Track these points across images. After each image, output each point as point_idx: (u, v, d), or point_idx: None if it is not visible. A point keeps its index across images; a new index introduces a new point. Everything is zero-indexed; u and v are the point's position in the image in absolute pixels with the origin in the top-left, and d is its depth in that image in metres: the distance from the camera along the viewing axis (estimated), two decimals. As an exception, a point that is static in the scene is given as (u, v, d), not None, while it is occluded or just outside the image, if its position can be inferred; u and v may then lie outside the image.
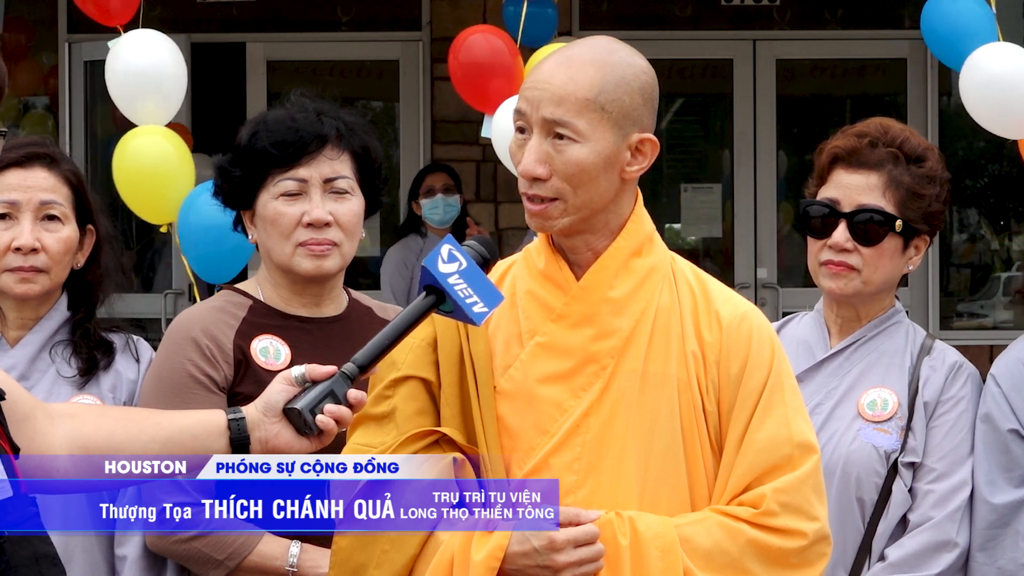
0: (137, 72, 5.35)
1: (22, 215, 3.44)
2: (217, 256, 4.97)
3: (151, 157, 5.33)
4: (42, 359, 3.46)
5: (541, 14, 7.35)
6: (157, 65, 5.37)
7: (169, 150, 5.33)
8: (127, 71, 5.36)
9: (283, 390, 2.67)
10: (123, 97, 5.42)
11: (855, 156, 3.44)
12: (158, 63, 5.37)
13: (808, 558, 2.68)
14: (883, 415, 3.42)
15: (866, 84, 10.17)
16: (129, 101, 5.42)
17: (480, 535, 2.62)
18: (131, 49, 5.39)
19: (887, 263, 3.44)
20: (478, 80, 5.55)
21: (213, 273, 5.11)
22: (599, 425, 2.68)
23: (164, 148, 5.35)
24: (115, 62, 5.40)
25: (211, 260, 5.03)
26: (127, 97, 5.41)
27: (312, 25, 9.94)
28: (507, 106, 5.35)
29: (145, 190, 5.37)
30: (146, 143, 5.36)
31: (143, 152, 5.35)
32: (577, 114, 2.64)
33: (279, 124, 3.36)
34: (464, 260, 2.60)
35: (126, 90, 5.40)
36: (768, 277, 9.88)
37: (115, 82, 5.41)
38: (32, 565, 2.37)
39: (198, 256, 5.07)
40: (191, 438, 2.67)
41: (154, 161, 5.32)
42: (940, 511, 3.37)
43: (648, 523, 2.63)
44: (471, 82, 5.60)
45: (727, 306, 2.76)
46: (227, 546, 3.24)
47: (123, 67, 5.37)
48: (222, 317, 3.37)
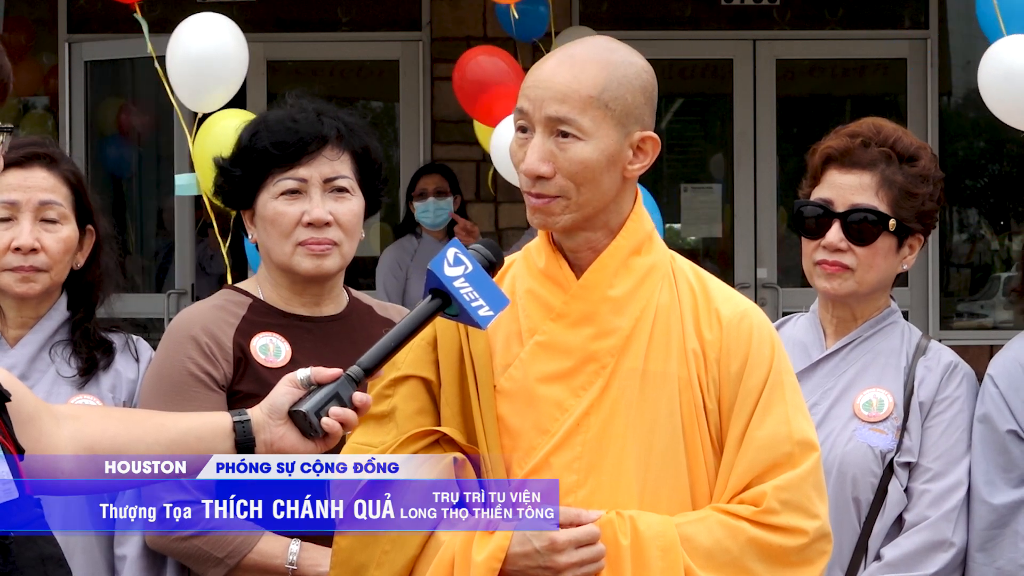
0: (200, 58, 5.29)
1: (22, 215, 3.44)
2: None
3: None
4: (42, 359, 3.47)
5: (532, 11, 7.36)
6: (221, 49, 5.33)
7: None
8: (188, 58, 5.31)
9: (288, 392, 2.67)
10: (184, 84, 5.35)
11: (848, 156, 3.45)
12: (221, 48, 5.33)
13: (809, 556, 2.69)
14: (879, 415, 3.42)
15: (866, 84, 10.16)
16: (192, 87, 5.35)
17: (481, 536, 2.63)
18: (192, 35, 5.35)
19: (881, 262, 3.44)
20: (482, 96, 5.53)
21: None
22: (599, 424, 2.69)
23: None
24: (177, 48, 5.34)
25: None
26: (189, 84, 5.34)
27: (312, 25, 9.94)
28: (507, 123, 5.38)
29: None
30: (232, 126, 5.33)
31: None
32: (581, 112, 2.65)
33: (279, 124, 3.37)
34: (470, 264, 2.61)
35: (188, 78, 5.33)
36: (768, 277, 9.88)
37: (177, 70, 5.34)
38: (38, 566, 2.37)
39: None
40: (196, 440, 2.67)
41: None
42: (936, 511, 3.37)
43: (649, 522, 2.64)
44: (475, 97, 5.58)
45: (727, 304, 2.77)
46: (227, 544, 3.25)
47: (184, 54, 5.32)
48: (222, 315, 3.37)
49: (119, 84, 10.34)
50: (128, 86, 10.34)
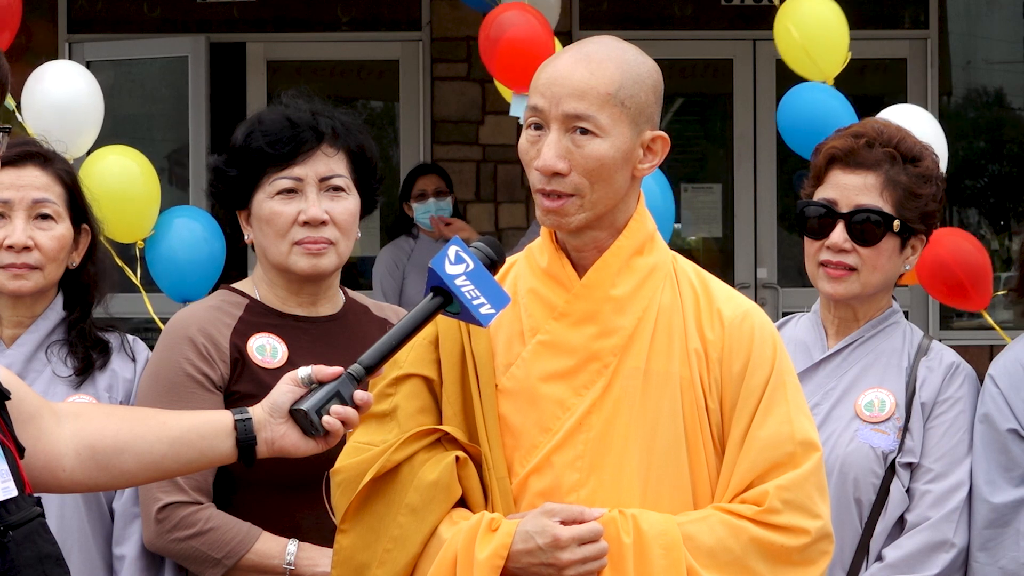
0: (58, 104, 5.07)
1: (15, 214, 3.44)
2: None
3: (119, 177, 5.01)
4: (38, 358, 3.46)
5: None
6: (76, 96, 5.11)
7: (134, 169, 5.07)
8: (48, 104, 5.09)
9: (289, 391, 2.67)
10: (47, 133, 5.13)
11: (852, 156, 3.44)
12: (76, 94, 5.11)
13: (810, 556, 2.68)
14: (880, 416, 3.42)
15: (866, 84, 10.15)
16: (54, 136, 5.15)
17: (483, 533, 2.63)
18: (52, 81, 5.15)
19: (885, 263, 3.44)
20: (515, 60, 5.38)
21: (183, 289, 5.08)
22: (601, 423, 2.68)
23: (130, 168, 5.07)
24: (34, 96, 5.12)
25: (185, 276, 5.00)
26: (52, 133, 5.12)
27: (312, 25, 9.93)
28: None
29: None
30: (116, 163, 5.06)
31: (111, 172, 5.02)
32: (599, 108, 2.65)
33: (274, 123, 3.36)
34: (471, 262, 2.61)
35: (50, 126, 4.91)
36: (768, 277, 9.88)
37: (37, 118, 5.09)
38: (36, 565, 2.36)
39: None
40: (198, 438, 2.67)
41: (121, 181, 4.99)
42: (937, 511, 3.37)
43: (651, 521, 2.63)
44: (506, 61, 5.42)
45: (729, 304, 2.77)
46: (224, 544, 3.24)
47: (43, 100, 5.11)
48: (219, 316, 3.37)
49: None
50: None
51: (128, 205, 5.01)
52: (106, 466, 2.64)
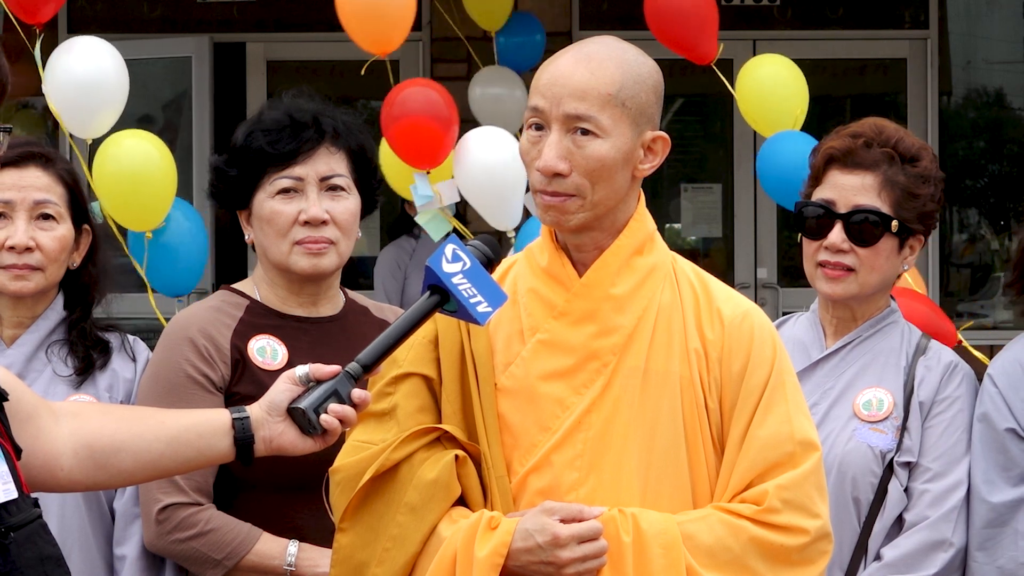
0: (80, 84, 5.04)
1: (16, 214, 3.44)
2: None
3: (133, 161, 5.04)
4: (38, 358, 3.46)
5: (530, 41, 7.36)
6: (100, 73, 5.07)
7: (153, 154, 5.07)
8: (70, 82, 5.04)
9: (287, 389, 2.67)
10: (67, 112, 5.10)
11: (850, 157, 3.45)
12: (100, 71, 5.07)
13: (810, 555, 2.69)
14: (879, 415, 3.42)
15: (866, 84, 10.16)
16: (74, 115, 5.10)
17: (483, 532, 2.63)
18: (75, 57, 5.09)
19: (883, 263, 3.44)
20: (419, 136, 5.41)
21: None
22: (601, 422, 2.69)
23: (149, 152, 5.07)
24: (54, 77, 5.07)
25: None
26: (72, 112, 5.10)
27: (312, 25, 9.93)
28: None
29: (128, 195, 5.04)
30: (133, 146, 5.08)
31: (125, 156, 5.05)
32: (600, 109, 2.65)
33: (275, 123, 3.36)
34: (468, 260, 2.61)
35: (71, 105, 5.08)
36: (768, 277, 9.88)
37: (58, 98, 5.07)
38: (37, 566, 2.36)
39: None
40: (196, 436, 2.67)
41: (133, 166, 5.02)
42: (936, 511, 3.37)
43: (651, 520, 2.63)
44: (407, 140, 5.43)
45: (729, 304, 2.77)
46: (225, 545, 3.24)
47: (65, 77, 5.05)
48: (219, 317, 3.37)
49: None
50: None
51: (143, 189, 5.00)
52: (104, 465, 2.64)
